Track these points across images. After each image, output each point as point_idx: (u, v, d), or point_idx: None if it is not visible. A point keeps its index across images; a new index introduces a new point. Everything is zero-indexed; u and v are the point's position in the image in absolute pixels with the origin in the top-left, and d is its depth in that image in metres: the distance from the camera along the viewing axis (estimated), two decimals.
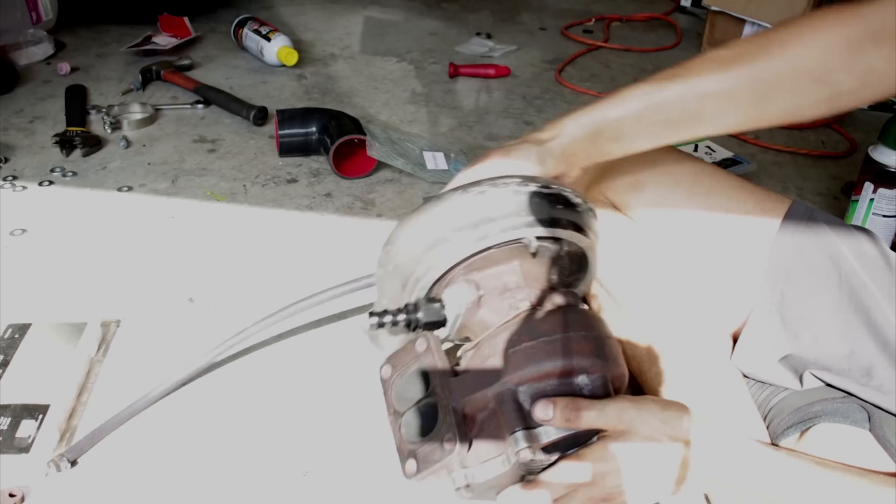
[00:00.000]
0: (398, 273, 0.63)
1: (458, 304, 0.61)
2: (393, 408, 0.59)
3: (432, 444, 0.54)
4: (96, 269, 0.97)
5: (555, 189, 0.61)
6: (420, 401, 0.56)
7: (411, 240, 0.61)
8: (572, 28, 2.00)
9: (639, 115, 0.67)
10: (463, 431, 0.54)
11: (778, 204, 0.74)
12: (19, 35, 1.61)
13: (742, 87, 0.65)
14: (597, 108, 0.68)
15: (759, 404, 0.72)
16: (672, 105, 0.67)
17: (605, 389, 0.56)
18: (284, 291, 0.94)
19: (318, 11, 2.08)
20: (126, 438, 0.73)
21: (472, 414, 0.56)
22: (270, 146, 1.31)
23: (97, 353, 0.82)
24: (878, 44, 0.60)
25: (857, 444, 0.62)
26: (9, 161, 1.23)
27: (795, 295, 0.70)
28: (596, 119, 0.68)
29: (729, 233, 0.75)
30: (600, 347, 0.56)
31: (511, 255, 0.62)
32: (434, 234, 0.60)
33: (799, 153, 1.36)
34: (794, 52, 0.63)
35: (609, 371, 0.57)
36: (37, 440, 0.69)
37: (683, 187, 0.78)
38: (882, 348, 0.65)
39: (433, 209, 0.60)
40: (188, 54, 1.69)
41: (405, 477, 0.55)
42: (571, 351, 0.54)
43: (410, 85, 1.62)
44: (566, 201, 0.62)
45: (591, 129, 0.68)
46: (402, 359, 0.59)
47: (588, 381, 0.55)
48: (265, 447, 0.73)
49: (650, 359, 0.75)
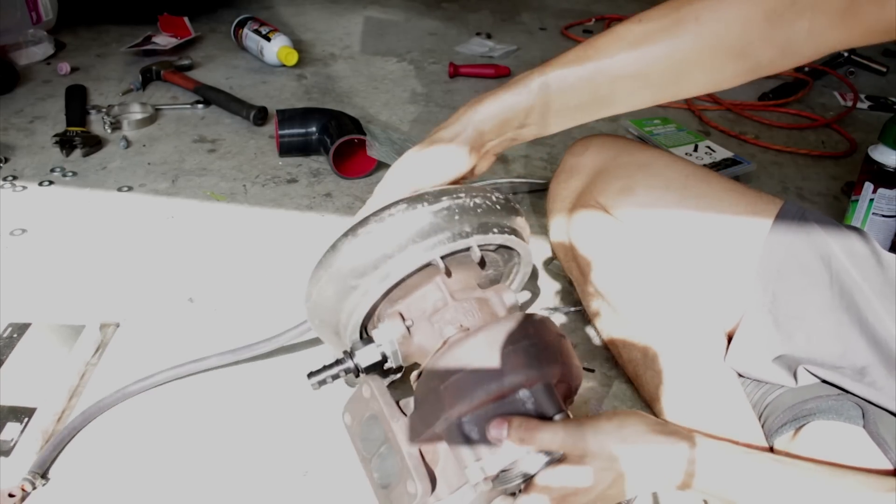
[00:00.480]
0: (326, 324, 0.64)
1: (390, 340, 0.61)
2: (361, 454, 0.59)
3: (398, 490, 0.55)
4: (96, 269, 0.97)
5: (445, 202, 0.60)
6: (380, 447, 0.57)
7: (323, 294, 0.62)
8: (572, 28, 2.00)
9: (547, 102, 0.66)
10: (422, 473, 0.54)
11: (769, 205, 0.74)
12: (19, 35, 1.61)
13: (656, 67, 0.63)
14: (500, 96, 0.66)
15: (754, 403, 0.72)
16: (583, 89, 0.65)
17: (549, 396, 0.55)
18: (284, 291, 0.94)
19: (318, 11, 2.08)
20: (125, 438, 0.73)
21: (430, 450, 0.56)
22: (270, 146, 1.31)
23: (93, 356, 0.82)
24: (799, 13, 0.58)
25: (851, 440, 0.62)
26: (9, 161, 1.23)
27: (787, 295, 0.70)
28: (501, 109, 0.66)
29: (720, 234, 0.75)
30: (534, 356, 0.54)
31: (428, 275, 0.62)
32: (340, 285, 0.60)
33: (799, 153, 1.36)
34: (711, 28, 0.61)
35: (550, 376, 0.55)
36: (19, 444, 0.68)
37: (674, 190, 0.78)
38: (875, 348, 0.65)
39: (331, 260, 0.61)
40: (188, 54, 1.70)
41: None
42: (503, 371, 0.53)
43: (410, 85, 1.62)
44: (462, 208, 0.61)
45: (498, 120, 0.67)
46: (356, 406, 0.59)
47: (529, 394, 0.55)
48: (265, 447, 0.73)
49: (646, 361, 0.75)
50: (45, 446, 0.70)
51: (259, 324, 0.87)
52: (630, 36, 0.64)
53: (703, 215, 0.76)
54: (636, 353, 0.76)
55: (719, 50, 0.61)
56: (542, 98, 0.65)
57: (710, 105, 1.54)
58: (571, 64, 0.65)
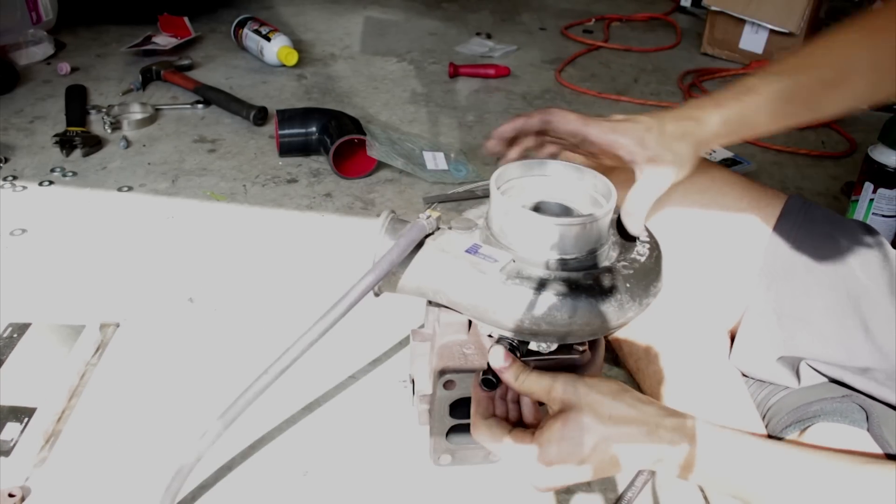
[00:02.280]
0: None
1: None
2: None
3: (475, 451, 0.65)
4: (96, 268, 0.97)
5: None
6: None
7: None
8: (572, 28, 2.00)
9: (772, 110, 0.64)
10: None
11: (774, 200, 0.74)
12: (19, 35, 1.61)
13: (862, 74, 0.63)
14: (737, 98, 0.64)
15: (757, 403, 0.71)
16: (799, 99, 0.64)
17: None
18: (285, 291, 0.94)
19: (318, 11, 2.08)
20: (123, 438, 0.73)
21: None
22: (270, 146, 1.32)
23: (93, 356, 0.82)
24: None
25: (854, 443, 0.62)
26: (9, 161, 1.23)
27: (791, 295, 0.70)
28: (741, 113, 0.64)
29: (725, 230, 0.75)
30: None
31: None
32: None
33: (799, 153, 1.36)
34: None
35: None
36: (19, 444, 0.68)
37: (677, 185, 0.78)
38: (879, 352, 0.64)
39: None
40: (188, 54, 1.70)
41: (433, 461, 0.67)
42: None
43: (410, 85, 1.62)
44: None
45: (735, 124, 0.64)
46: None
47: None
48: (265, 447, 0.73)
49: (648, 358, 0.75)
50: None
51: (259, 324, 0.88)
52: (839, 44, 0.64)
53: (707, 211, 0.75)
54: (638, 350, 0.76)
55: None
56: (768, 104, 0.63)
57: None
58: (790, 72, 0.64)
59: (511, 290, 0.54)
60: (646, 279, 0.57)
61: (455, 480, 0.70)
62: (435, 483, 0.69)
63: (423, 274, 0.59)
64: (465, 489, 0.69)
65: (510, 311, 0.54)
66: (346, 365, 0.83)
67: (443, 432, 0.67)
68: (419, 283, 0.60)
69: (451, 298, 0.58)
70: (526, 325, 0.54)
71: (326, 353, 0.85)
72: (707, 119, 0.63)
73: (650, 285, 0.57)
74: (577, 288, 0.54)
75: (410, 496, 0.68)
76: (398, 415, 0.77)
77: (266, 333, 0.86)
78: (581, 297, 0.53)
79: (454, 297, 0.57)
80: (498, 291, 0.54)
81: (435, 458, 0.68)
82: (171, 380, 0.80)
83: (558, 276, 0.54)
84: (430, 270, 0.59)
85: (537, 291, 0.53)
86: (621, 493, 0.68)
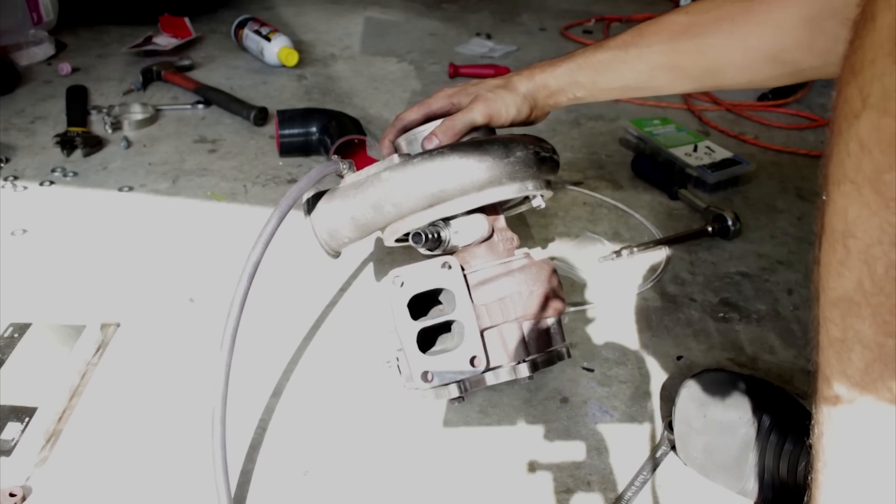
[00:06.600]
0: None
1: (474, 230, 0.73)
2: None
3: (452, 358, 0.67)
4: (97, 268, 0.97)
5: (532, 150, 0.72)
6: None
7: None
8: (572, 28, 2.01)
9: (595, 81, 0.72)
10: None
11: None
12: (20, 36, 1.61)
13: (690, 61, 0.66)
14: (558, 67, 0.76)
15: None
16: (627, 75, 0.71)
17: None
18: (285, 291, 0.94)
19: (318, 12, 2.09)
20: (124, 438, 0.73)
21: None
22: (271, 146, 1.32)
23: (94, 355, 0.82)
24: (842, 24, 0.53)
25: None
26: (10, 161, 1.23)
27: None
28: (556, 80, 0.75)
29: None
30: None
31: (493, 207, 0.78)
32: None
33: (798, 153, 1.36)
34: (744, 30, 0.62)
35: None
36: (20, 443, 0.69)
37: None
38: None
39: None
40: (189, 55, 1.70)
41: (421, 384, 0.66)
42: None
43: (410, 85, 1.62)
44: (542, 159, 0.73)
45: (552, 90, 0.76)
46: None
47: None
48: (265, 447, 0.73)
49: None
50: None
51: (259, 324, 0.88)
52: (672, 27, 0.68)
53: None
54: None
55: (752, 52, 0.62)
56: (590, 77, 0.72)
57: (709, 105, 1.54)
58: (618, 48, 0.71)
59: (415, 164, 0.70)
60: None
61: (455, 480, 0.70)
62: (435, 483, 0.70)
63: (353, 200, 0.75)
64: (466, 489, 0.69)
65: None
66: (346, 365, 0.83)
67: (413, 340, 0.67)
68: (353, 214, 0.74)
69: (377, 199, 0.72)
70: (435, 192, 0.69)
71: (326, 353, 0.85)
72: (538, 75, 0.76)
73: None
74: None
75: (410, 496, 0.69)
76: (398, 415, 0.77)
77: (266, 333, 0.87)
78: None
79: (378, 198, 0.71)
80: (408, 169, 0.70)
81: (423, 378, 0.67)
82: (172, 380, 0.80)
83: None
84: (354, 193, 0.75)
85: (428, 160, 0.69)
86: (621, 492, 0.68)
